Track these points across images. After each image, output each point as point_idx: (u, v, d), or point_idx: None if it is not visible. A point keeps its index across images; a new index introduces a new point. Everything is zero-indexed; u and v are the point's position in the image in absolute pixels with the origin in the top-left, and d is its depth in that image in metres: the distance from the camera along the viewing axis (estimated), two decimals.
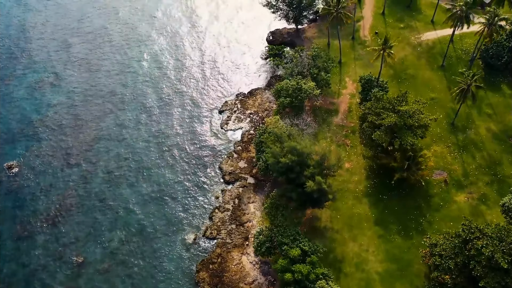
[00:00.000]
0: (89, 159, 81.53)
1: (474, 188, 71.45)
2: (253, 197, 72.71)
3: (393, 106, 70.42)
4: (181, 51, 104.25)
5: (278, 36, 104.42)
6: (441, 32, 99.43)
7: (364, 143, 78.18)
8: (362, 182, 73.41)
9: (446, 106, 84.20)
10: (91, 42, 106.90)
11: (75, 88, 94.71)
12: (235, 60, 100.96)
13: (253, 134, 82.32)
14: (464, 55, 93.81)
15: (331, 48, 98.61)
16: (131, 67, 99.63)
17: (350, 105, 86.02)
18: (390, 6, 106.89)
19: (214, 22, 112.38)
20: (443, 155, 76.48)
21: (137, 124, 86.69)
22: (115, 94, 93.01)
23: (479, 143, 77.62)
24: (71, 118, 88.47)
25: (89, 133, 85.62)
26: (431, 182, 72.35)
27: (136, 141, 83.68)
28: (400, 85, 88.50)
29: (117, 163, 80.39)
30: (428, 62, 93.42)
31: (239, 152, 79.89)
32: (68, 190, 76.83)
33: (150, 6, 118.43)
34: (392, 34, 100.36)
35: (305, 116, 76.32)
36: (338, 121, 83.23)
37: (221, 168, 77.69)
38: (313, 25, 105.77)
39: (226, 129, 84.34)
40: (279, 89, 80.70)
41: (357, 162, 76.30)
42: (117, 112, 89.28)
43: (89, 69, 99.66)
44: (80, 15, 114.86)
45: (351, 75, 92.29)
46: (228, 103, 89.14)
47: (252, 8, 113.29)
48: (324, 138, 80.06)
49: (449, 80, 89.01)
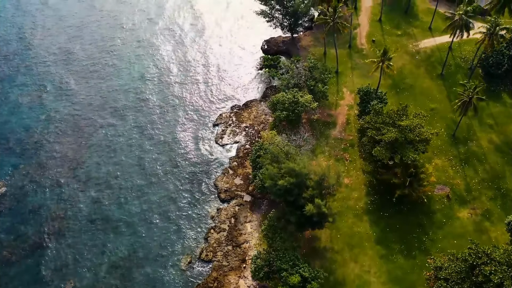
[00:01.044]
0: (79, 177, 78.63)
1: (477, 203, 69.38)
2: (250, 216, 70.20)
3: (393, 120, 68.21)
4: (173, 63, 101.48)
5: (273, 44, 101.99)
6: (439, 39, 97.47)
7: (363, 157, 75.99)
8: (362, 199, 71.10)
9: (446, 117, 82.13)
10: (81, 55, 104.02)
11: (64, 102, 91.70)
12: (229, 70, 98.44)
13: (249, 149, 79.82)
14: (463, 63, 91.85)
15: (328, 57, 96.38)
16: (121, 80, 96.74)
17: (348, 117, 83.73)
18: (386, 12, 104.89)
19: (205, 31, 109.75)
20: (445, 168, 74.36)
21: (129, 139, 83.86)
22: (104, 109, 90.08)
23: (481, 156, 75.60)
24: (60, 133, 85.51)
25: (79, 150, 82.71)
26: (433, 198, 70.19)
27: (128, 157, 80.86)
28: (399, 96, 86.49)
29: (108, 181, 77.52)
30: (427, 70, 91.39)
31: (235, 168, 77.33)
32: (57, 211, 73.89)
33: (140, 17, 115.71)
34: (390, 41, 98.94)
35: (303, 132, 73.85)
36: (336, 134, 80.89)
37: (216, 185, 75.10)
38: (308, 33, 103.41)
39: (221, 143, 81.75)
40: (275, 102, 78.29)
41: (356, 178, 73.99)
42: (108, 127, 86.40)
43: (78, 82, 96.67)
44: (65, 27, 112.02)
45: (348, 85, 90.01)
46: (222, 116, 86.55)
47: (244, 16, 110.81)
48: (322, 152, 77.76)
49: (449, 89, 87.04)
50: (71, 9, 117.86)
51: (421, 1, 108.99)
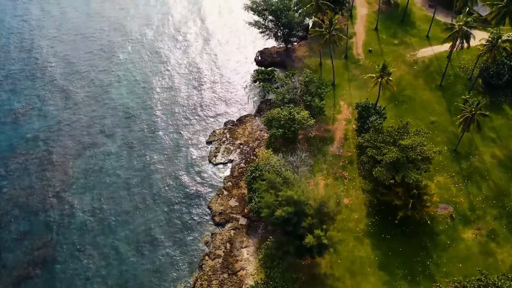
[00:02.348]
0: (66, 201, 74.91)
1: (481, 223, 66.80)
2: (246, 241, 67.01)
3: (394, 139, 65.46)
4: (162, 77, 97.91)
5: (267, 55, 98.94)
6: (437, 48, 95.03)
7: (363, 175, 73.33)
8: (362, 220, 68.23)
9: (447, 131, 79.58)
10: (71, 68, 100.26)
11: (50, 120, 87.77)
12: (222, 83, 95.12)
13: (244, 168, 76.64)
14: (462, 73, 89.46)
15: (324, 68, 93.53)
16: (109, 96, 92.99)
17: (346, 132, 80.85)
18: (382, 20, 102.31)
19: (196, 44, 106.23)
20: (447, 186, 71.73)
21: (117, 160, 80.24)
22: (92, 127, 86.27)
23: (484, 172, 73.08)
24: (47, 154, 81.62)
25: (66, 171, 78.93)
26: (436, 218, 67.47)
27: (116, 179, 77.19)
28: (398, 108, 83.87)
29: (97, 204, 73.90)
30: (425, 81, 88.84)
31: (229, 188, 74.11)
32: (43, 238, 70.09)
33: (132, 28, 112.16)
34: (387, 51, 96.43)
35: (300, 151, 70.76)
36: (334, 151, 77.96)
37: (210, 207, 71.82)
38: (303, 43, 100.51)
39: (214, 162, 78.43)
40: (270, 118, 75.30)
41: (356, 197, 71.13)
42: (95, 147, 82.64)
43: (66, 97, 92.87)
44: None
45: (345, 98, 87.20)
46: (216, 133, 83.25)
47: (237, 27, 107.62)
48: (320, 170, 74.82)
49: (449, 101, 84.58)
50: (56, 22, 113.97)
51: (417, 8, 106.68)
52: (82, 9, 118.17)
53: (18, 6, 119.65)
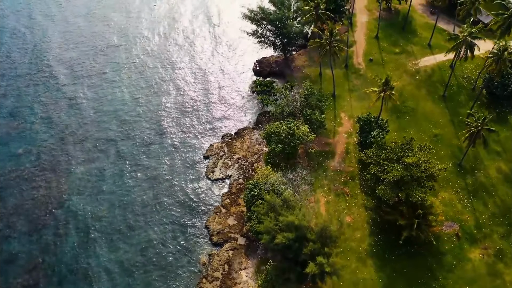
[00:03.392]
0: (58, 219, 72.36)
1: (488, 242, 64.65)
2: (245, 262, 64.64)
3: (398, 156, 63.19)
4: (158, 86, 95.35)
5: (265, 65, 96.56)
6: (440, 57, 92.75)
7: (365, 191, 71.14)
8: (365, 239, 65.95)
9: (451, 144, 77.42)
10: (60, 81, 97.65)
11: (42, 134, 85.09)
12: (220, 94, 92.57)
13: (242, 184, 74.25)
14: (465, 83, 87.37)
15: (324, 78, 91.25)
16: (103, 108, 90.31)
17: (347, 146, 78.57)
18: (383, 28, 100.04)
19: (192, 52, 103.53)
20: (452, 202, 69.56)
21: (111, 176, 77.69)
22: (85, 140, 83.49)
23: (490, 187, 70.97)
24: (38, 170, 79.00)
25: (59, 188, 76.32)
26: (441, 236, 65.29)
27: (110, 196, 74.65)
28: (400, 120, 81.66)
29: (89, 224, 71.33)
30: (428, 92, 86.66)
31: (228, 206, 71.72)
32: (35, 260, 67.54)
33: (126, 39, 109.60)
34: (388, 60, 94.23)
35: (300, 169, 68.40)
36: (335, 166, 75.65)
37: (208, 226, 69.41)
38: (302, 52, 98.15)
39: (212, 178, 75.97)
40: (270, 133, 72.92)
41: (358, 215, 68.84)
42: (88, 162, 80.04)
43: (57, 111, 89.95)
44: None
45: (346, 110, 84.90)
46: (213, 147, 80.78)
47: (234, 36, 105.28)
48: (321, 186, 72.55)
49: (452, 112, 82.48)
50: (47, 33, 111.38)
51: (418, 15, 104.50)
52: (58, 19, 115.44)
53: None
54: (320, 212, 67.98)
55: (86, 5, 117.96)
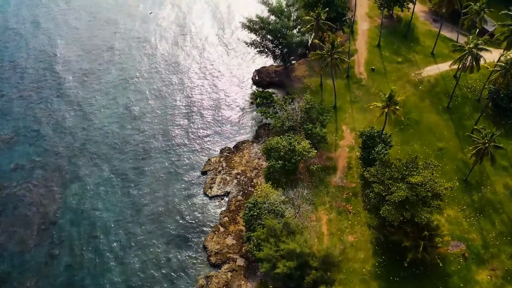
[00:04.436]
0: (52, 238, 70.00)
1: (496, 263, 62.40)
2: (244, 285, 62.31)
3: (403, 175, 60.92)
4: (154, 97, 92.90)
5: (264, 75, 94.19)
6: (443, 66, 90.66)
7: (368, 209, 68.86)
8: (369, 260, 63.64)
9: (456, 158, 75.14)
10: (57, 91, 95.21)
11: (35, 147, 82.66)
12: (217, 106, 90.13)
13: (241, 201, 71.93)
14: (470, 93, 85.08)
15: (325, 89, 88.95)
16: (97, 120, 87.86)
17: (349, 160, 76.24)
18: (385, 36, 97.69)
19: (190, 64, 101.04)
20: (458, 220, 67.30)
21: (106, 192, 75.28)
22: (80, 155, 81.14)
23: (497, 204, 68.72)
24: (31, 186, 76.55)
25: (52, 205, 73.92)
26: (448, 257, 63.00)
27: (104, 215, 72.17)
28: (404, 133, 79.34)
29: (83, 243, 69.03)
30: (432, 103, 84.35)
31: (226, 224, 69.38)
32: (27, 281, 65.19)
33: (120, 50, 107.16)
34: (390, 69, 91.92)
35: (301, 188, 66.10)
36: (337, 181, 73.34)
37: (206, 246, 67.06)
38: (302, 61, 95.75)
39: (210, 194, 73.60)
40: (269, 148, 70.64)
41: (361, 234, 66.53)
42: (83, 177, 77.68)
43: (51, 124, 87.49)
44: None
45: (348, 122, 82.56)
46: (211, 162, 78.39)
47: (233, 44, 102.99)
48: (322, 203, 70.24)
49: (457, 124, 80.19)
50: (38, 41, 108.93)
51: (421, 23, 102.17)
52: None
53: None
54: (321, 232, 65.85)
55: (84, 10, 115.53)
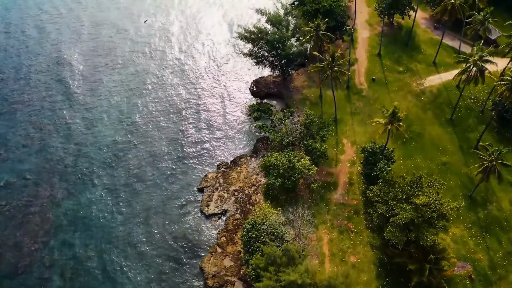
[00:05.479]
0: (43, 261, 67.36)
1: (504, 285, 60.15)
2: None
3: (407, 195, 58.64)
4: (149, 109, 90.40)
5: (262, 86, 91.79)
6: (445, 76, 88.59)
7: (370, 227, 66.60)
8: (372, 283, 61.30)
9: (460, 173, 72.91)
10: (48, 103, 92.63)
11: (26, 163, 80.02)
12: (214, 118, 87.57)
13: (239, 219, 69.51)
14: (473, 104, 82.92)
15: (324, 100, 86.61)
16: (91, 134, 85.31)
17: (350, 176, 73.90)
18: (386, 44, 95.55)
19: (185, 74, 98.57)
20: (464, 239, 65.05)
21: (100, 210, 72.69)
22: (73, 169, 78.56)
23: (503, 222, 66.50)
24: (21, 204, 73.92)
25: (43, 225, 71.27)
26: (453, 279, 60.75)
27: (97, 234, 69.55)
28: (406, 146, 77.07)
29: (75, 265, 66.43)
30: (434, 115, 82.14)
31: (224, 244, 66.92)
32: None
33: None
34: (391, 79, 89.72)
35: (301, 208, 63.74)
36: (338, 198, 71.02)
37: (202, 268, 64.60)
38: (301, 71, 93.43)
39: (207, 213, 71.11)
40: (268, 164, 68.28)
41: (364, 255, 64.18)
42: (76, 194, 75.11)
43: (42, 136, 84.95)
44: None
45: (349, 135, 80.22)
46: (208, 178, 75.90)
47: (229, 56, 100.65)
48: (323, 222, 67.89)
49: (460, 137, 78.00)
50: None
51: (422, 30, 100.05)
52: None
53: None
54: (323, 252, 63.59)
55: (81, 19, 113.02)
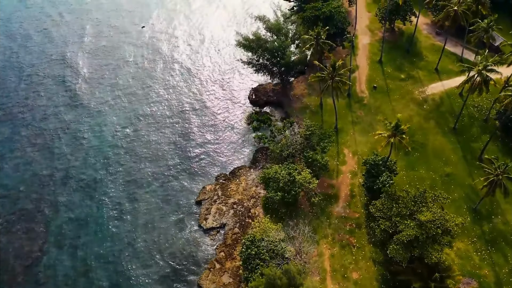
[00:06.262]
0: (36, 278, 65.34)
1: None
2: None
3: (411, 211, 56.93)
4: (145, 120, 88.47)
5: (262, 94, 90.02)
6: (448, 83, 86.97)
7: (373, 242, 64.85)
8: None
9: (464, 184, 71.24)
10: (43, 111, 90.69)
11: (17, 176, 78.05)
12: (213, 129, 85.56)
13: (238, 233, 67.74)
14: (477, 113, 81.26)
15: (325, 109, 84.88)
16: (86, 145, 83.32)
17: (352, 187, 72.19)
18: (387, 51, 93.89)
19: (183, 83, 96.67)
20: (469, 254, 63.35)
21: (95, 224, 70.78)
22: (68, 182, 76.67)
23: (509, 236, 64.84)
24: (13, 217, 72.02)
25: (37, 239, 69.35)
26: None
27: (93, 249, 67.69)
28: (409, 157, 75.33)
29: (70, 282, 64.56)
30: (437, 124, 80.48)
31: (222, 260, 65.11)
32: None
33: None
34: (393, 87, 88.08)
35: (302, 225, 62.00)
36: (340, 211, 69.29)
37: (200, 285, 62.78)
38: (301, 78, 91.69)
39: (205, 226, 69.31)
40: (268, 177, 66.53)
41: (366, 271, 62.44)
42: (70, 207, 73.21)
43: (37, 144, 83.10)
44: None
45: (350, 145, 78.50)
46: (206, 190, 74.09)
47: (228, 63, 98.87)
48: (324, 236, 66.14)
49: (464, 147, 76.35)
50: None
51: (423, 36, 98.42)
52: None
53: None
54: (324, 268, 61.88)
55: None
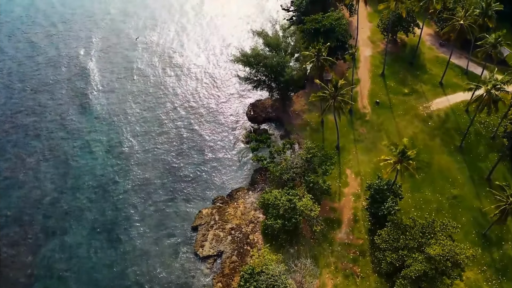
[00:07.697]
0: None
1: None
2: None
3: (419, 243, 53.89)
4: (141, 137, 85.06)
5: (260, 110, 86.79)
6: (453, 98, 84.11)
7: (378, 271, 61.72)
8: None
9: (472, 207, 68.25)
10: (30, 129, 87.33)
11: (4, 199, 74.57)
12: (209, 147, 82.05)
13: (236, 262, 64.51)
14: (483, 130, 78.29)
15: (326, 126, 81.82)
16: (78, 163, 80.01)
17: (355, 211, 69.10)
18: (389, 63, 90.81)
19: (179, 95, 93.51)
20: (479, 284, 60.29)
21: (87, 251, 67.36)
22: (56, 205, 73.07)
23: None
24: (5, 242, 68.66)
25: (25, 268, 65.88)
26: None
27: (84, 278, 64.35)
28: (414, 179, 71.76)
29: None
30: (443, 141, 77.48)
31: None
32: None
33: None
34: (396, 102, 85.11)
35: (304, 258, 58.86)
36: (343, 238, 66.18)
37: None
38: (301, 93, 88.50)
39: (201, 254, 66.02)
40: (267, 203, 63.38)
41: None
42: (60, 233, 69.72)
43: (23, 167, 79.43)
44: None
45: (352, 166, 75.38)
46: (203, 214, 70.81)
47: (225, 78, 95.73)
48: (326, 265, 63.02)
49: (471, 167, 73.39)
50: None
51: (427, 48, 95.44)
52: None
53: None
54: None
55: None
